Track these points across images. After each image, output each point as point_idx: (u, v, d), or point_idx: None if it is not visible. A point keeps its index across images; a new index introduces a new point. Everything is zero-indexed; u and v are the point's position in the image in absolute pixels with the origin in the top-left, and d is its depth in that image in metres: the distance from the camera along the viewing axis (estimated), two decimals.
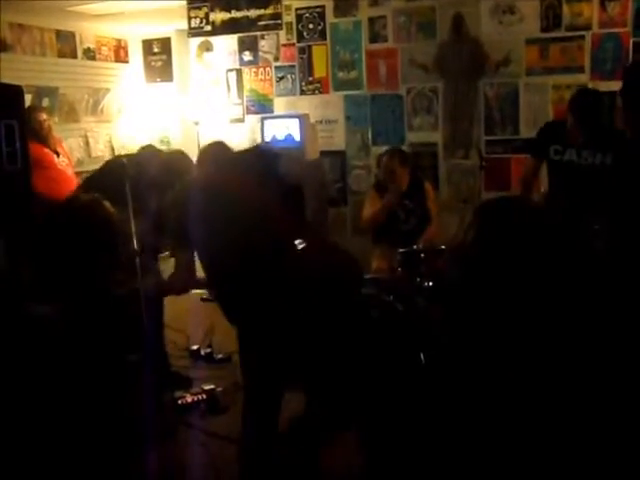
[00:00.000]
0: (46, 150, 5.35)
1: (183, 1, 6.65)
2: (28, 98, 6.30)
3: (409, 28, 5.94)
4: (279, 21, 6.38)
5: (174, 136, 8.84)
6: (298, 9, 6.31)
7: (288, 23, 6.36)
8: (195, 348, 5.00)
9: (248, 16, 6.47)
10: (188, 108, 6.94)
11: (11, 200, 3.21)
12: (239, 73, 6.63)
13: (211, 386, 4.22)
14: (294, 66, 6.40)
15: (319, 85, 6.34)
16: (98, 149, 7.62)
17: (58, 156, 5.46)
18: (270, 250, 2.95)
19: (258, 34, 6.48)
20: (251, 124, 6.58)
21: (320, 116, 6.33)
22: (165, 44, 8.75)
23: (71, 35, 7.59)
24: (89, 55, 7.90)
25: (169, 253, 4.30)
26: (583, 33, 5.43)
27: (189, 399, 4.10)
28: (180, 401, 4.07)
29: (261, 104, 6.58)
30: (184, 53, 7.53)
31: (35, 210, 3.53)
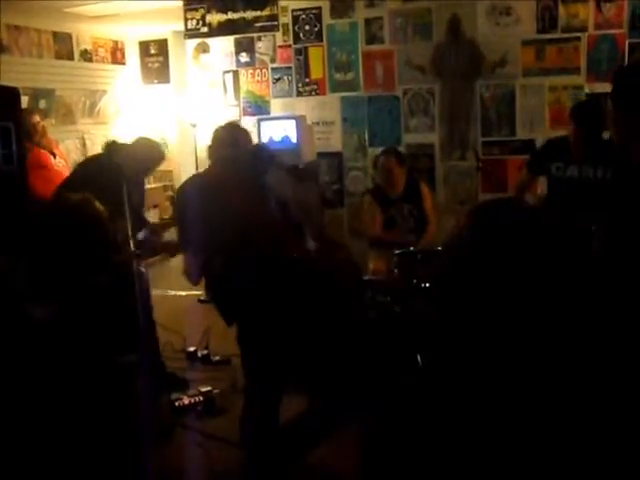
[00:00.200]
0: (42, 151, 5.35)
1: (180, 3, 6.64)
2: (25, 100, 6.29)
3: (406, 29, 5.95)
4: (275, 22, 6.38)
5: (171, 138, 8.85)
6: (294, 10, 6.31)
7: (284, 24, 6.36)
8: (192, 350, 4.99)
9: (245, 18, 6.47)
10: (185, 110, 6.94)
11: (7, 201, 3.21)
12: (236, 75, 6.63)
13: (208, 388, 4.22)
14: (291, 67, 6.41)
15: (316, 86, 6.34)
16: (95, 151, 7.59)
17: (55, 157, 5.47)
18: (267, 250, 2.96)
19: (255, 36, 6.48)
20: (248, 126, 6.57)
21: (317, 117, 6.34)
22: (162, 46, 8.75)
23: (68, 37, 7.59)
24: (86, 57, 7.89)
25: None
26: (579, 34, 5.44)
27: (186, 401, 4.10)
28: (177, 403, 4.07)
29: (258, 105, 6.58)
30: (181, 55, 7.53)
31: (32, 211, 3.54)
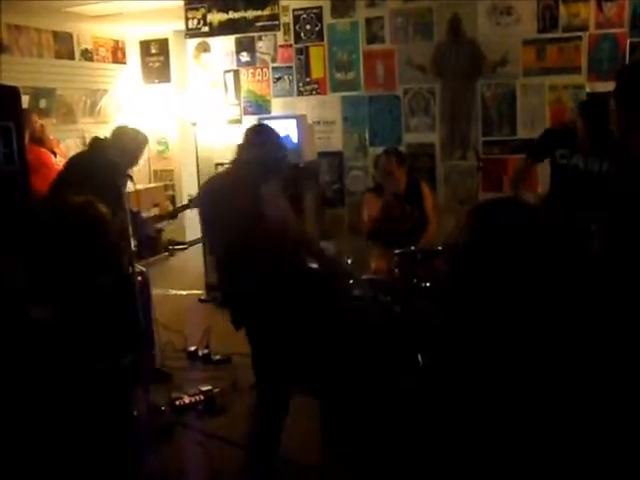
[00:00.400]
0: (43, 150, 5.36)
1: (180, 2, 6.64)
2: (25, 99, 6.30)
3: (406, 29, 5.95)
4: (276, 22, 6.38)
5: (172, 137, 8.85)
6: (295, 10, 6.31)
7: (285, 24, 6.36)
8: (193, 349, 5.00)
9: (245, 17, 6.47)
10: (186, 109, 6.95)
11: (9, 201, 3.21)
12: (236, 74, 6.63)
13: (208, 387, 4.23)
14: (291, 67, 6.40)
15: (316, 86, 6.34)
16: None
17: (55, 156, 5.48)
18: (275, 256, 2.97)
19: (255, 35, 6.48)
20: (248, 125, 6.57)
21: (317, 117, 6.33)
22: (163, 45, 8.76)
23: (68, 36, 7.59)
24: (86, 56, 7.90)
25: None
26: (580, 34, 5.43)
27: (187, 400, 4.10)
28: (178, 402, 4.08)
29: (258, 105, 6.58)
30: (182, 54, 7.53)
31: (33, 211, 3.54)
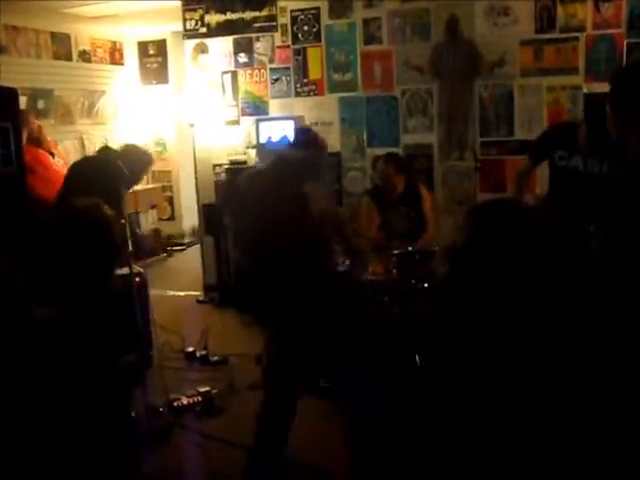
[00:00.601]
0: (41, 151, 5.36)
1: (178, 3, 6.64)
2: (23, 100, 6.30)
3: (404, 30, 5.94)
4: (274, 23, 6.38)
5: (169, 138, 8.85)
6: (293, 11, 6.30)
7: (283, 25, 6.36)
8: (190, 350, 5.00)
9: (243, 18, 6.47)
10: (183, 110, 6.94)
11: (6, 202, 3.21)
12: (234, 75, 6.62)
13: (206, 388, 4.23)
14: (289, 68, 6.40)
15: (314, 87, 6.33)
16: (94, 151, 7.62)
17: (53, 157, 5.48)
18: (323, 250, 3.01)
19: (253, 36, 6.48)
20: (246, 126, 6.58)
21: (315, 118, 6.33)
22: (160, 46, 8.76)
23: (66, 37, 7.59)
24: (84, 57, 7.90)
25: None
26: (577, 34, 5.43)
27: (184, 401, 4.10)
28: (175, 403, 4.08)
29: (256, 106, 6.57)
30: (179, 55, 7.53)
31: (32, 212, 3.55)
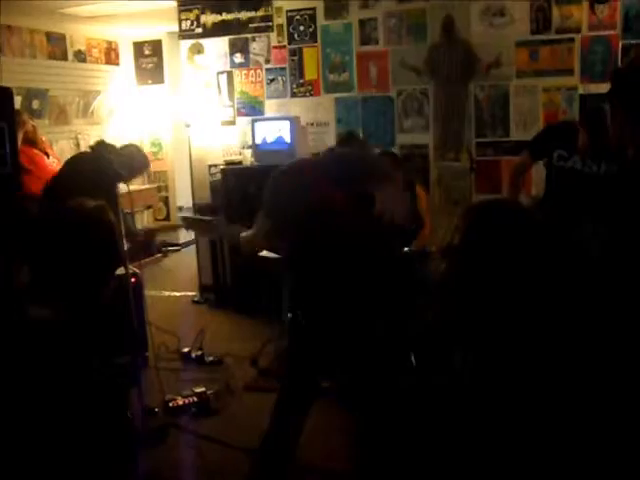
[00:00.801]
0: (36, 151, 5.36)
1: (174, 3, 6.64)
2: (18, 100, 6.28)
3: (400, 30, 5.95)
4: (270, 23, 6.37)
5: (165, 138, 8.84)
6: (289, 11, 6.30)
7: (279, 25, 6.36)
8: (186, 350, 4.99)
9: (239, 18, 6.46)
10: (179, 110, 6.94)
11: (2, 202, 3.20)
12: (230, 75, 6.62)
13: (202, 389, 4.22)
14: (285, 68, 6.40)
15: (310, 87, 6.34)
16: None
17: (48, 157, 5.47)
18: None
19: (249, 36, 6.47)
20: (242, 126, 6.58)
21: (311, 118, 6.33)
22: (156, 46, 8.75)
23: (62, 37, 7.57)
24: (80, 57, 7.88)
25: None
26: (573, 36, 5.45)
27: (180, 402, 4.10)
28: (171, 404, 4.07)
29: (252, 106, 6.57)
30: (175, 55, 7.53)
31: (28, 212, 3.54)
